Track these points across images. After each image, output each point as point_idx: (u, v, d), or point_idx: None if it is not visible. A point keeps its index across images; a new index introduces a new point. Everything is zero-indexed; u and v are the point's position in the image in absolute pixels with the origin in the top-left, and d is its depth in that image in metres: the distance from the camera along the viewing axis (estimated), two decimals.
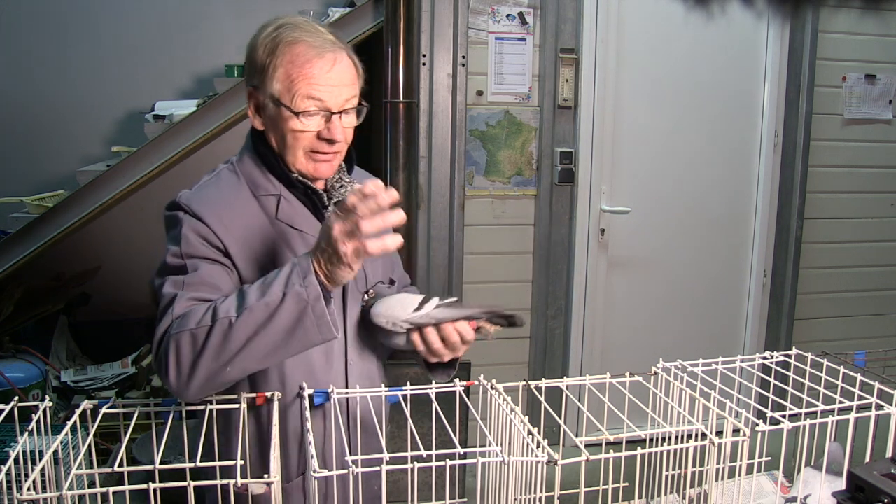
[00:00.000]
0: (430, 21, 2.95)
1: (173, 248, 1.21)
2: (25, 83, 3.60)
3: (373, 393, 1.20)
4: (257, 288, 1.10)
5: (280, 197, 1.27)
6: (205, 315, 1.10)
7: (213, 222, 1.21)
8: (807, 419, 1.11)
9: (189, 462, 0.94)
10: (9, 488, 0.92)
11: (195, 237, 1.20)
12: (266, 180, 1.28)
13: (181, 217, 1.22)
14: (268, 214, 1.27)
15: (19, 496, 0.84)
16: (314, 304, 1.07)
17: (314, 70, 1.20)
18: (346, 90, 1.23)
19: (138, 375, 3.17)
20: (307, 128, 1.22)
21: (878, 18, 3.42)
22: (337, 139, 1.23)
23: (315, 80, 1.20)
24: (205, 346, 1.08)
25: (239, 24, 3.71)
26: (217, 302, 1.11)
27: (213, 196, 1.25)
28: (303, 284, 1.07)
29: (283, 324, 1.07)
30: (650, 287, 3.38)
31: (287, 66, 1.20)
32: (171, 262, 1.20)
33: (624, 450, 0.99)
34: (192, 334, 1.09)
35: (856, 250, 3.61)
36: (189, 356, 1.09)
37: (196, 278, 1.17)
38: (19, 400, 1.09)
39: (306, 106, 1.20)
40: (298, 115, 1.20)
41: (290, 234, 1.27)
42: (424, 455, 0.92)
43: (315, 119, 1.22)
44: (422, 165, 3.02)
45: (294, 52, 1.20)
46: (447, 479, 1.02)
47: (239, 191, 1.27)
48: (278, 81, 1.21)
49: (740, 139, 3.40)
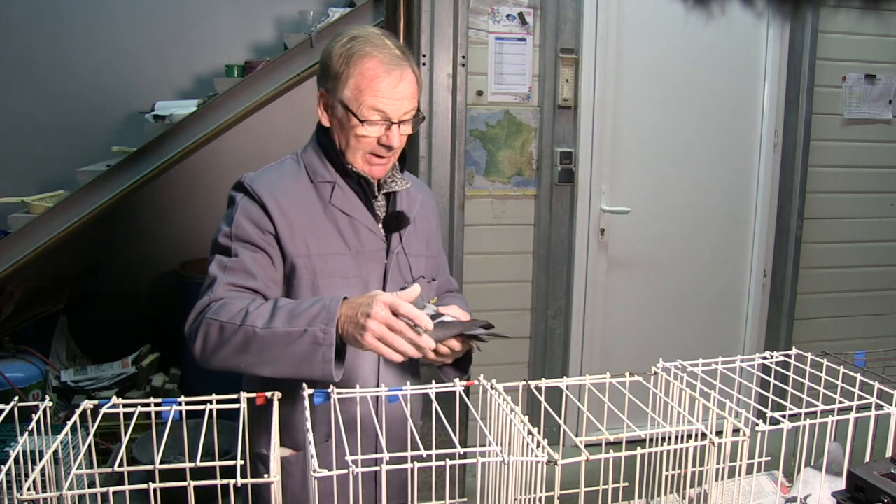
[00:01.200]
0: (430, 21, 2.95)
1: (225, 229, 1.37)
2: (25, 83, 3.60)
3: (373, 393, 1.20)
4: (287, 312, 1.24)
5: (335, 184, 1.43)
6: (238, 314, 1.25)
7: (269, 203, 1.36)
8: (807, 419, 1.11)
9: (189, 462, 0.94)
10: (9, 488, 0.92)
11: (246, 221, 1.36)
12: (324, 168, 1.43)
13: (239, 199, 1.38)
14: (322, 199, 1.42)
15: (19, 496, 0.84)
16: (325, 350, 1.21)
17: (381, 85, 1.35)
18: (407, 103, 1.38)
19: (138, 375, 3.17)
20: (369, 134, 1.37)
21: (878, 18, 3.43)
22: (394, 146, 1.39)
23: (381, 93, 1.35)
24: (228, 342, 1.25)
25: (239, 24, 3.72)
26: (251, 306, 1.26)
27: (274, 179, 1.41)
28: (324, 329, 1.21)
29: (295, 353, 1.22)
30: (650, 287, 3.38)
31: (357, 78, 1.35)
32: (221, 241, 1.37)
33: (624, 450, 0.99)
34: (221, 326, 1.25)
35: (856, 250, 3.61)
36: (214, 343, 1.26)
37: (237, 264, 1.33)
38: (19, 400, 1.09)
39: (370, 115, 1.35)
40: (363, 123, 1.36)
41: (341, 218, 1.42)
42: (424, 455, 0.92)
43: (377, 127, 1.37)
44: (422, 165, 3.01)
45: (365, 66, 1.35)
46: (447, 479, 1.02)
47: (298, 176, 1.43)
48: (349, 90, 1.36)
49: (740, 139, 3.40)
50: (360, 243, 1.42)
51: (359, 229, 1.42)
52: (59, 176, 3.50)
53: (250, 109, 3.00)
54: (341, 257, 1.40)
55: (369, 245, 1.43)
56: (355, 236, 1.42)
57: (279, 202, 1.37)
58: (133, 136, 3.34)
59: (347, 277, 1.40)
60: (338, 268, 1.39)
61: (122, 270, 3.66)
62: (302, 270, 1.37)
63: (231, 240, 1.36)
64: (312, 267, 1.37)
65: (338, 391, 1.15)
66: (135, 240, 3.65)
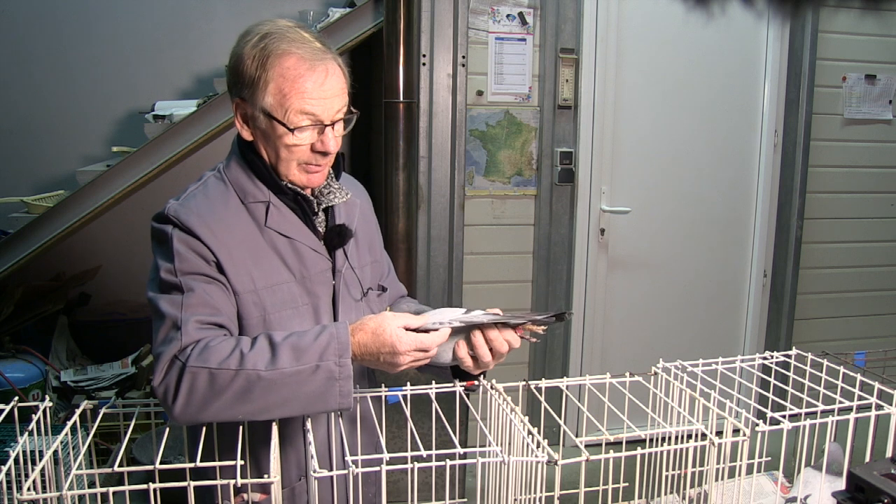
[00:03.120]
0: (430, 21, 2.95)
1: (167, 265, 1.18)
2: (25, 83, 3.59)
3: (373, 393, 1.20)
4: (291, 347, 1.10)
5: (269, 204, 1.26)
6: (229, 357, 1.08)
7: (203, 234, 1.19)
8: (807, 419, 1.11)
9: (189, 462, 0.94)
10: (9, 488, 0.92)
11: (189, 253, 1.18)
12: (255, 187, 1.26)
13: (171, 232, 1.20)
14: (257, 222, 1.25)
15: (19, 496, 0.84)
16: (343, 383, 1.10)
17: (307, 84, 1.18)
18: (338, 101, 1.22)
19: (138, 375, 3.17)
20: (301, 142, 1.21)
21: (878, 18, 3.42)
22: (330, 151, 1.23)
23: (308, 94, 1.18)
24: (224, 391, 1.07)
25: (239, 24, 3.69)
26: (243, 346, 1.10)
27: (202, 206, 1.23)
28: (338, 363, 1.09)
29: (309, 391, 1.09)
30: (650, 287, 3.38)
31: (279, 81, 1.18)
32: (166, 278, 1.18)
33: (624, 450, 0.99)
34: (211, 374, 1.07)
35: (856, 250, 3.61)
36: (204, 394, 1.07)
37: (194, 299, 1.15)
38: (19, 400, 1.09)
39: (300, 121, 1.19)
40: (293, 131, 1.19)
41: (280, 241, 1.26)
42: (424, 455, 0.92)
43: (308, 133, 1.21)
44: (422, 165, 3.01)
45: (284, 66, 1.18)
46: (447, 479, 1.02)
47: (227, 199, 1.25)
48: (270, 95, 1.19)
49: (740, 139, 3.40)
50: (305, 267, 1.27)
51: (301, 252, 1.27)
52: (59, 176, 3.50)
53: None
54: (288, 286, 1.25)
55: (314, 267, 1.28)
56: (298, 260, 1.27)
57: (214, 232, 1.20)
58: (133, 136, 3.34)
59: (297, 307, 1.26)
60: (287, 298, 1.25)
61: (122, 270, 3.66)
62: (250, 307, 1.21)
63: (177, 275, 1.17)
64: (262, 303, 1.22)
65: None
66: (135, 240, 3.64)
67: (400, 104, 2.86)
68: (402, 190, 2.87)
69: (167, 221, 1.21)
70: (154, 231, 1.24)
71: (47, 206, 2.94)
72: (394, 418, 2.20)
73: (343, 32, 2.94)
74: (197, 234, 1.19)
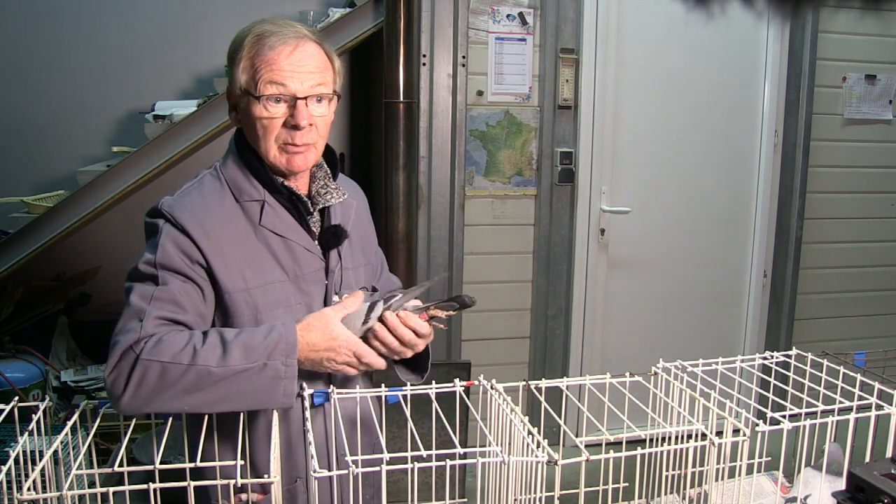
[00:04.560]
0: (430, 21, 2.95)
1: (148, 256, 1.20)
2: (25, 83, 3.59)
3: (373, 393, 1.20)
4: (242, 346, 1.13)
5: (264, 203, 1.27)
6: (182, 352, 1.11)
7: (194, 232, 1.20)
8: (807, 419, 1.11)
9: (189, 462, 0.94)
10: (9, 488, 0.92)
11: (173, 248, 1.20)
12: (250, 185, 1.28)
13: (161, 225, 1.22)
14: (251, 221, 1.27)
15: (19, 496, 0.84)
16: (287, 383, 1.13)
17: (275, 55, 1.21)
18: (313, 77, 1.23)
19: None
20: (272, 115, 1.22)
21: (878, 18, 3.42)
22: (301, 124, 1.22)
23: (276, 64, 1.21)
24: (173, 384, 1.10)
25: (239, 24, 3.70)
26: (195, 341, 1.13)
27: (196, 203, 1.24)
28: (285, 363, 1.13)
29: (254, 388, 1.12)
30: (650, 287, 3.38)
31: (251, 55, 1.22)
32: (143, 269, 1.20)
33: (624, 450, 0.99)
34: (163, 367, 1.10)
35: (856, 250, 3.61)
36: (153, 386, 1.10)
37: (165, 293, 1.17)
38: (19, 400, 1.09)
39: (268, 91, 1.21)
40: (260, 100, 1.21)
41: (274, 240, 1.27)
42: (424, 455, 0.92)
43: (281, 107, 1.22)
44: (422, 165, 3.01)
45: (260, 44, 1.22)
46: (447, 479, 1.02)
47: (222, 197, 1.27)
48: (244, 72, 1.23)
49: (740, 139, 3.40)
50: (298, 266, 1.28)
51: (295, 251, 1.28)
52: (59, 176, 3.50)
53: None
54: (281, 285, 1.26)
55: (308, 267, 1.29)
56: (292, 259, 1.28)
57: (206, 231, 1.21)
58: (133, 136, 3.34)
59: (289, 306, 1.27)
60: (280, 297, 1.26)
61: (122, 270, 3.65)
62: (241, 306, 1.23)
63: (156, 268, 1.19)
64: (253, 302, 1.23)
65: (338, 391, 1.15)
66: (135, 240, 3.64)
67: (400, 104, 2.87)
68: (402, 190, 2.87)
69: (159, 216, 1.23)
70: (146, 225, 1.26)
71: (47, 206, 2.94)
72: (394, 418, 2.20)
73: (343, 32, 2.94)
74: (188, 231, 1.20)
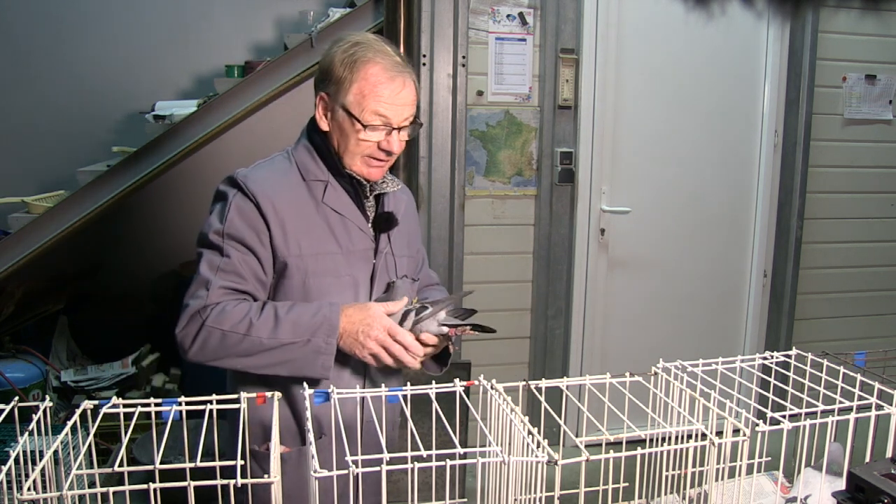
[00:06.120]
0: (430, 21, 2.95)
1: (217, 225, 1.38)
2: (25, 83, 3.60)
3: (373, 393, 1.20)
4: (291, 323, 1.33)
5: (328, 183, 1.45)
6: (240, 322, 1.32)
7: (263, 203, 1.37)
8: (807, 419, 1.11)
9: (189, 462, 0.94)
10: (9, 488, 0.92)
11: (239, 219, 1.37)
12: (316, 167, 1.45)
13: (232, 195, 1.39)
14: (314, 198, 1.44)
15: (19, 496, 0.84)
16: (325, 359, 1.34)
17: (385, 91, 1.38)
18: (407, 110, 1.42)
19: (138, 375, 3.17)
20: (370, 139, 1.41)
21: (878, 18, 3.42)
22: (395, 151, 1.43)
23: (384, 99, 1.38)
24: (230, 350, 1.32)
25: (239, 24, 3.71)
26: (252, 314, 1.33)
27: (267, 177, 1.42)
28: (326, 341, 1.33)
29: (297, 359, 1.34)
30: (650, 287, 3.38)
31: (361, 83, 1.38)
32: (212, 238, 1.38)
33: (624, 450, 0.99)
34: (223, 334, 1.31)
35: (856, 250, 3.61)
36: (213, 349, 1.33)
37: (229, 265, 1.36)
38: (19, 400, 1.09)
39: (373, 120, 1.39)
40: (366, 128, 1.39)
41: (333, 217, 1.44)
42: (424, 455, 0.92)
43: (379, 133, 1.41)
44: (422, 165, 3.01)
45: (369, 72, 1.38)
46: (447, 479, 1.02)
47: (289, 174, 1.44)
48: (352, 95, 1.39)
49: (740, 139, 3.40)
50: (351, 242, 1.45)
51: (350, 228, 1.45)
52: (59, 176, 3.50)
53: (250, 110, 3.00)
54: (332, 256, 1.42)
55: (359, 244, 1.46)
56: (346, 235, 1.44)
57: (273, 201, 1.38)
58: (133, 136, 3.34)
59: (338, 276, 1.42)
60: (329, 267, 1.42)
61: (122, 270, 3.66)
62: (293, 270, 1.39)
63: (223, 238, 1.37)
64: (304, 267, 1.40)
65: (338, 391, 1.15)
66: (135, 240, 3.65)
67: None
68: None
69: (233, 185, 1.40)
70: (218, 191, 1.44)
71: (47, 206, 2.95)
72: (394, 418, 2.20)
73: (343, 32, 2.93)
74: (258, 201, 1.37)
